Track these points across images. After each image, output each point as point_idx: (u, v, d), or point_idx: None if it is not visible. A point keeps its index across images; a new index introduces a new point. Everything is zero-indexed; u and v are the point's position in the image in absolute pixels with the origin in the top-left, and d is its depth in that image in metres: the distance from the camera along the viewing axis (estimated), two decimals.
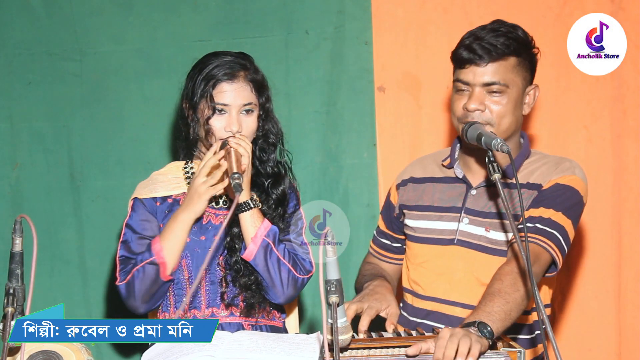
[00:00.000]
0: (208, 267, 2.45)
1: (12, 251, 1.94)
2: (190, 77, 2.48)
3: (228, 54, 2.50)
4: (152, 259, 2.36)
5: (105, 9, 3.30)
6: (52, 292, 3.34)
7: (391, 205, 2.71)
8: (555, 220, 2.37)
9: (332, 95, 3.30)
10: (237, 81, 2.44)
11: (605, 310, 3.29)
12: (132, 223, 2.46)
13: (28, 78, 3.32)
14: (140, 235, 2.43)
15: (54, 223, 3.33)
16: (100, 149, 3.34)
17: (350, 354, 2.05)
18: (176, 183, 2.51)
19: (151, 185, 2.52)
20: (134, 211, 2.48)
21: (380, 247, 2.77)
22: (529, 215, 2.37)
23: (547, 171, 2.46)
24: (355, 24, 3.27)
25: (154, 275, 2.37)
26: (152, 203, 2.48)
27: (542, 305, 1.98)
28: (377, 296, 2.49)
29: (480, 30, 2.43)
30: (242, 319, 2.47)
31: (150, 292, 2.38)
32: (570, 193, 2.42)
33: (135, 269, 2.36)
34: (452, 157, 2.59)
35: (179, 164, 2.56)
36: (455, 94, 2.44)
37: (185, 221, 2.38)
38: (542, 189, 2.42)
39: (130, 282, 2.37)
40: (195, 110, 2.44)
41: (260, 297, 2.46)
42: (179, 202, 2.48)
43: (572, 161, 2.51)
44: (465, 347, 1.97)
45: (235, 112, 2.43)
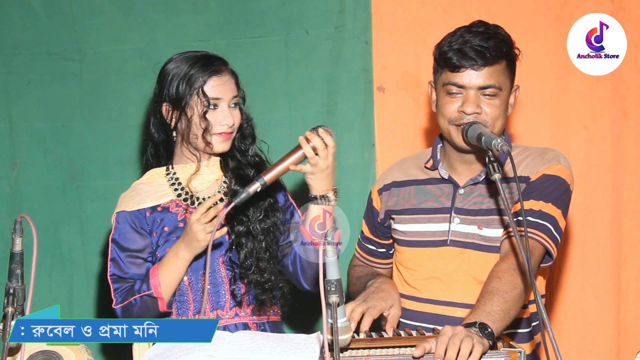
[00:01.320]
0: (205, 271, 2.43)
1: (12, 251, 1.94)
2: (169, 81, 2.45)
3: (196, 52, 2.50)
4: (150, 293, 2.37)
5: (105, 9, 3.31)
6: (52, 292, 3.34)
7: (374, 210, 2.70)
8: (545, 211, 2.38)
9: (331, 95, 3.30)
10: (223, 75, 2.46)
11: (605, 310, 3.29)
12: (117, 238, 2.46)
13: (28, 78, 3.33)
14: (129, 253, 2.44)
15: (53, 223, 3.33)
16: (100, 148, 3.34)
17: (350, 354, 2.05)
18: (162, 191, 2.50)
19: (137, 196, 2.50)
20: (118, 224, 2.47)
21: (367, 253, 2.77)
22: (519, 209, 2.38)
23: (533, 162, 2.48)
24: (355, 24, 3.28)
25: (151, 306, 2.39)
26: (140, 215, 2.47)
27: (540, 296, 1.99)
28: (382, 294, 2.48)
29: (466, 32, 2.43)
30: (247, 318, 2.46)
31: (147, 317, 2.38)
32: (557, 183, 2.43)
33: (133, 298, 2.38)
34: (435, 158, 2.59)
35: (160, 170, 2.53)
36: (447, 96, 2.44)
37: (185, 259, 2.38)
38: (529, 181, 2.43)
39: (127, 308, 2.39)
40: (184, 111, 2.43)
41: (271, 293, 2.47)
42: (168, 209, 2.47)
43: (555, 150, 2.53)
44: (467, 349, 1.97)
45: (226, 106, 2.44)
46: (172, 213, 2.47)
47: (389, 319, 2.43)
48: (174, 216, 2.47)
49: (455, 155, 2.52)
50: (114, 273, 2.44)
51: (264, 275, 2.45)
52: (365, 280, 2.62)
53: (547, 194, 2.40)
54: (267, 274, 2.45)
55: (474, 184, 2.50)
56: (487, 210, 2.46)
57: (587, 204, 3.26)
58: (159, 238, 2.45)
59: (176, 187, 2.49)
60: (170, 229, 2.45)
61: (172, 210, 2.47)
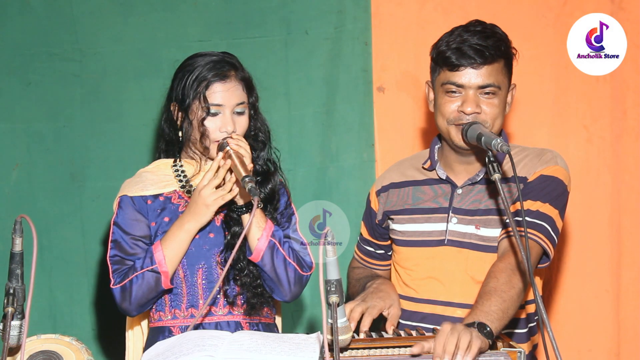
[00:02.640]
0: (204, 264, 2.43)
1: (12, 251, 1.94)
2: (179, 79, 2.44)
3: (214, 54, 2.48)
4: (153, 267, 2.34)
5: (105, 9, 3.31)
6: (52, 292, 3.34)
7: (372, 212, 2.71)
8: (542, 211, 2.39)
9: (331, 95, 3.30)
10: (229, 81, 2.43)
11: (605, 310, 3.29)
12: (120, 222, 2.43)
13: (28, 78, 3.33)
14: (132, 236, 2.41)
15: (54, 223, 3.34)
16: (100, 149, 3.34)
17: (350, 354, 2.05)
18: (167, 181, 2.49)
19: (141, 183, 2.48)
20: (121, 209, 2.44)
21: (365, 255, 2.77)
22: (517, 209, 2.39)
23: (531, 163, 2.48)
24: (355, 25, 3.28)
25: (153, 283, 2.35)
26: (142, 201, 2.45)
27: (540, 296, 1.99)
28: (381, 294, 2.48)
29: (464, 32, 2.43)
30: (240, 317, 2.46)
31: (148, 298, 2.37)
32: (555, 184, 2.44)
33: (134, 275, 2.34)
34: (432, 159, 2.59)
35: (167, 161, 2.52)
36: (445, 95, 2.44)
37: (190, 230, 2.36)
38: (527, 181, 2.44)
39: (126, 286, 2.34)
40: (187, 112, 2.43)
41: (262, 297, 2.45)
42: (170, 199, 2.46)
43: (552, 151, 2.53)
44: (465, 342, 1.98)
45: (229, 112, 2.41)
46: (174, 204, 2.46)
47: (389, 317, 2.43)
48: (175, 207, 2.45)
49: (453, 156, 2.52)
50: (115, 254, 2.40)
51: (256, 280, 2.44)
52: (364, 281, 2.62)
53: (545, 195, 2.41)
54: (259, 279, 2.44)
55: (471, 184, 2.51)
56: (485, 210, 2.47)
57: (587, 204, 3.26)
58: (157, 228, 2.43)
59: (181, 178, 2.49)
60: (170, 219, 2.44)
61: (174, 201, 2.45)
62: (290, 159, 3.21)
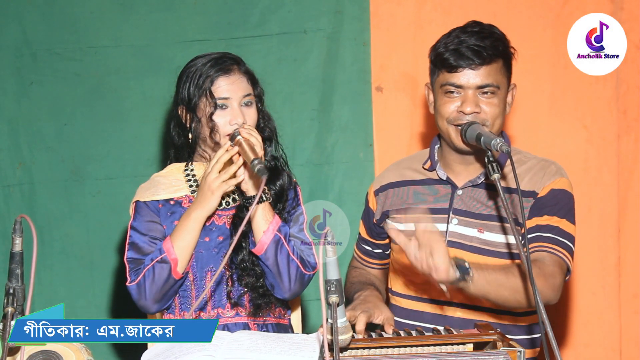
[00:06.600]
0: (213, 267, 2.43)
1: (12, 251, 1.94)
2: (183, 82, 2.45)
3: (214, 53, 2.49)
4: (162, 257, 2.33)
5: (105, 9, 3.32)
6: (55, 286, 3.36)
7: (370, 211, 2.70)
8: (563, 228, 2.42)
9: (329, 95, 3.31)
10: (233, 74, 2.43)
11: (605, 310, 3.30)
12: (137, 225, 2.43)
13: (30, 78, 3.35)
14: (149, 236, 2.41)
15: (56, 220, 3.37)
16: (101, 146, 3.36)
17: (350, 354, 2.05)
18: (177, 185, 2.49)
19: (153, 187, 2.49)
20: (137, 213, 2.45)
21: (363, 253, 2.77)
22: (537, 224, 2.40)
23: (537, 176, 2.48)
24: (353, 25, 3.28)
25: (165, 274, 2.34)
26: (154, 205, 2.46)
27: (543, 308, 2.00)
28: (369, 305, 2.44)
29: (461, 33, 2.43)
30: (248, 318, 2.45)
31: (162, 291, 2.35)
32: (567, 198, 2.46)
33: (146, 269, 2.34)
34: (432, 159, 2.58)
35: (180, 165, 2.53)
36: (444, 96, 2.44)
37: (197, 218, 2.35)
38: (537, 196, 2.44)
39: (140, 282, 2.34)
40: (195, 112, 2.43)
41: (267, 298, 2.45)
42: (181, 204, 2.46)
43: (555, 163, 2.54)
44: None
45: (237, 105, 2.41)
46: (184, 208, 2.45)
47: (384, 321, 2.42)
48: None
49: (453, 156, 2.52)
50: (131, 256, 2.39)
51: (260, 280, 2.43)
52: (354, 290, 2.61)
53: (559, 210, 2.43)
54: (263, 279, 2.43)
55: (473, 186, 2.50)
56: (489, 215, 2.46)
57: (587, 204, 3.26)
58: (167, 231, 2.44)
59: (192, 183, 2.49)
60: None
61: (184, 206, 2.45)
62: (288, 158, 3.22)
